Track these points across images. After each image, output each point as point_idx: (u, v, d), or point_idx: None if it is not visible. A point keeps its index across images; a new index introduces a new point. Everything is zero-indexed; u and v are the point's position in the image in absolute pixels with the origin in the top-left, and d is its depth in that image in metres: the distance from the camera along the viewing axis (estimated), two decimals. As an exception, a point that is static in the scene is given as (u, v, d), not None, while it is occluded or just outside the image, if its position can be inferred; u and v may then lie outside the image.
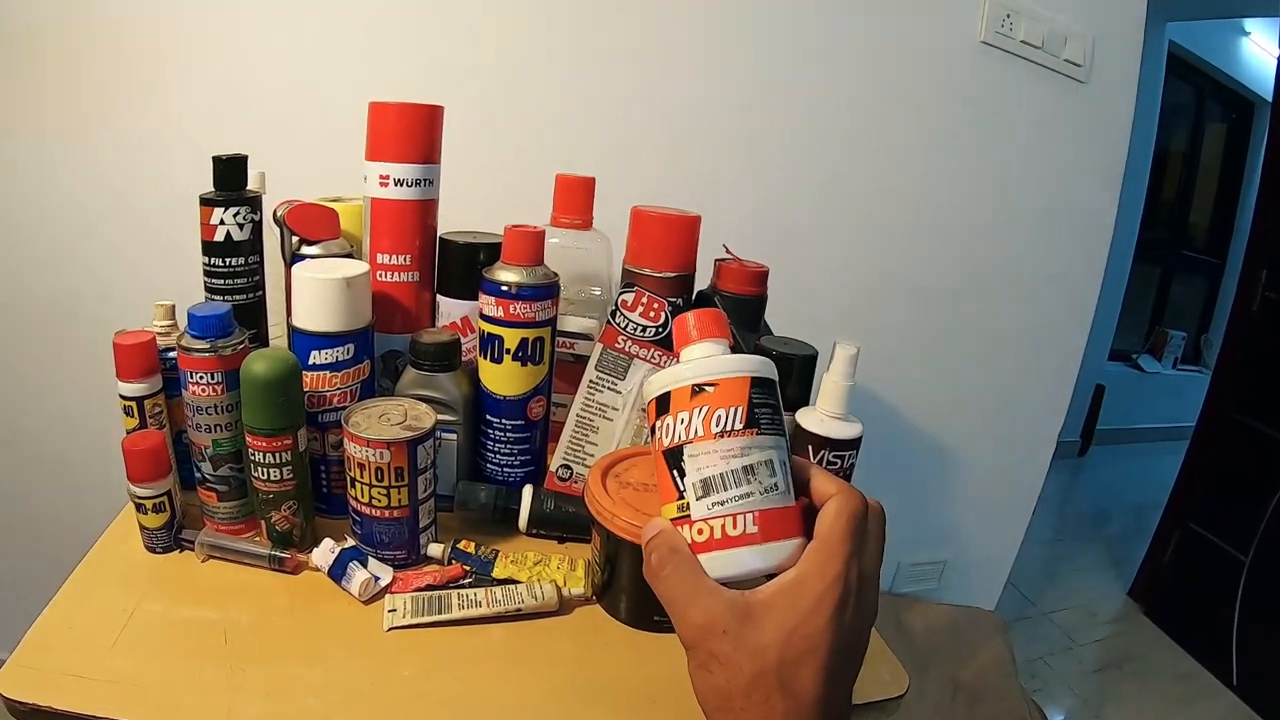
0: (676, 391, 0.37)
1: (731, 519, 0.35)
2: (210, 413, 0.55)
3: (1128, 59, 1.22)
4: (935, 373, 1.33)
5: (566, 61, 1.00)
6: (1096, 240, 1.33)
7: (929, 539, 1.49)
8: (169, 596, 0.53)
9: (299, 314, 0.58)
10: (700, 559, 0.35)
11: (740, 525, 0.35)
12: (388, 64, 0.95)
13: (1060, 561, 2.33)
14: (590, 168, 0.77)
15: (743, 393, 0.36)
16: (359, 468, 0.54)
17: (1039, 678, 1.78)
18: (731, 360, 0.37)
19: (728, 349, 0.39)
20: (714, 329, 0.39)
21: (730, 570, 0.35)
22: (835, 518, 0.35)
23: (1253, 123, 3.29)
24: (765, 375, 0.37)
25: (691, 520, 0.36)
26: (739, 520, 0.35)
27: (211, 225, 0.61)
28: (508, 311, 0.61)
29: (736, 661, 0.33)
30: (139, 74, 0.89)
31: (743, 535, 0.35)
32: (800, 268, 1.14)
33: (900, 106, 1.14)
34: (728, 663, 0.33)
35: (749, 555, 0.34)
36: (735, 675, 0.33)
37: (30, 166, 0.91)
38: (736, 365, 0.37)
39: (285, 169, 0.75)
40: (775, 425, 0.37)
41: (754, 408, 0.36)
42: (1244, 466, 1.83)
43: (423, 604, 0.54)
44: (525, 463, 0.67)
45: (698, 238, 0.71)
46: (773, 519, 0.35)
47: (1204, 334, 3.60)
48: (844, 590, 0.34)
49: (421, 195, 0.65)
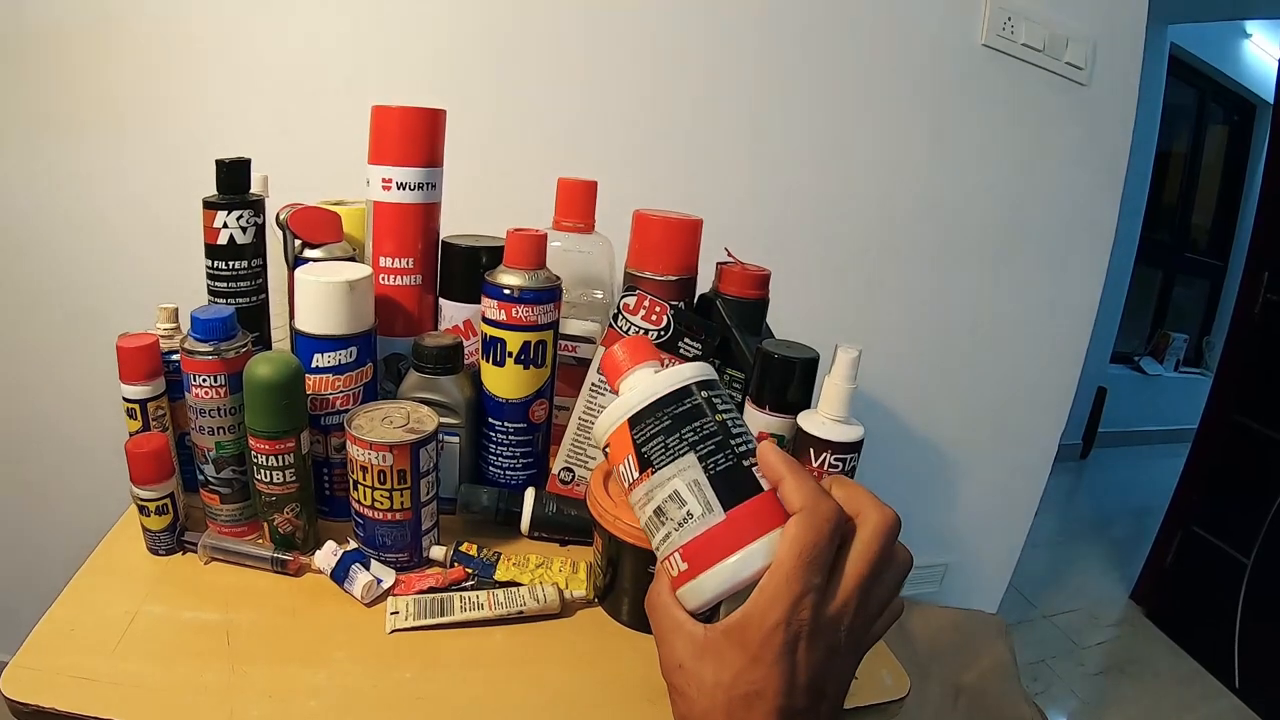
0: (607, 453, 0.39)
1: (669, 561, 0.36)
2: (213, 415, 0.55)
3: (1129, 61, 1.22)
4: (937, 375, 1.33)
5: (569, 65, 1.00)
6: (1098, 242, 1.33)
7: (930, 542, 1.49)
8: (172, 598, 0.53)
9: (302, 317, 0.59)
10: (678, 594, 0.36)
11: (675, 565, 0.35)
12: (391, 68, 0.95)
13: (1062, 564, 2.32)
14: (592, 171, 0.77)
15: (625, 441, 0.37)
16: (361, 470, 0.55)
17: (1041, 680, 1.78)
18: (612, 410, 0.38)
19: (656, 369, 0.39)
20: (638, 355, 0.39)
21: (693, 603, 0.35)
22: (787, 551, 0.32)
23: (1254, 125, 3.29)
24: (649, 401, 0.36)
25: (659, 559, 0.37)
26: (672, 561, 0.36)
27: (215, 228, 0.61)
28: (510, 315, 0.61)
29: (690, 696, 0.34)
30: (144, 78, 0.89)
31: (682, 574, 0.35)
32: (802, 271, 1.14)
33: (902, 110, 1.14)
34: (684, 695, 0.34)
35: (700, 585, 0.34)
36: (691, 708, 0.34)
37: (33, 169, 0.91)
38: (613, 414, 0.38)
39: (288, 172, 0.75)
40: (674, 448, 0.35)
41: (640, 448, 0.36)
42: (1246, 469, 1.83)
43: (425, 606, 0.54)
44: (527, 465, 0.67)
45: (699, 241, 0.72)
46: (699, 548, 0.34)
47: (1206, 336, 3.60)
48: (790, 634, 0.31)
49: (424, 199, 0.65)
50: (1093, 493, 2.98)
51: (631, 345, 0.40)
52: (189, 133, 0.91)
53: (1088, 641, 1.96)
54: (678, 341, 0.62)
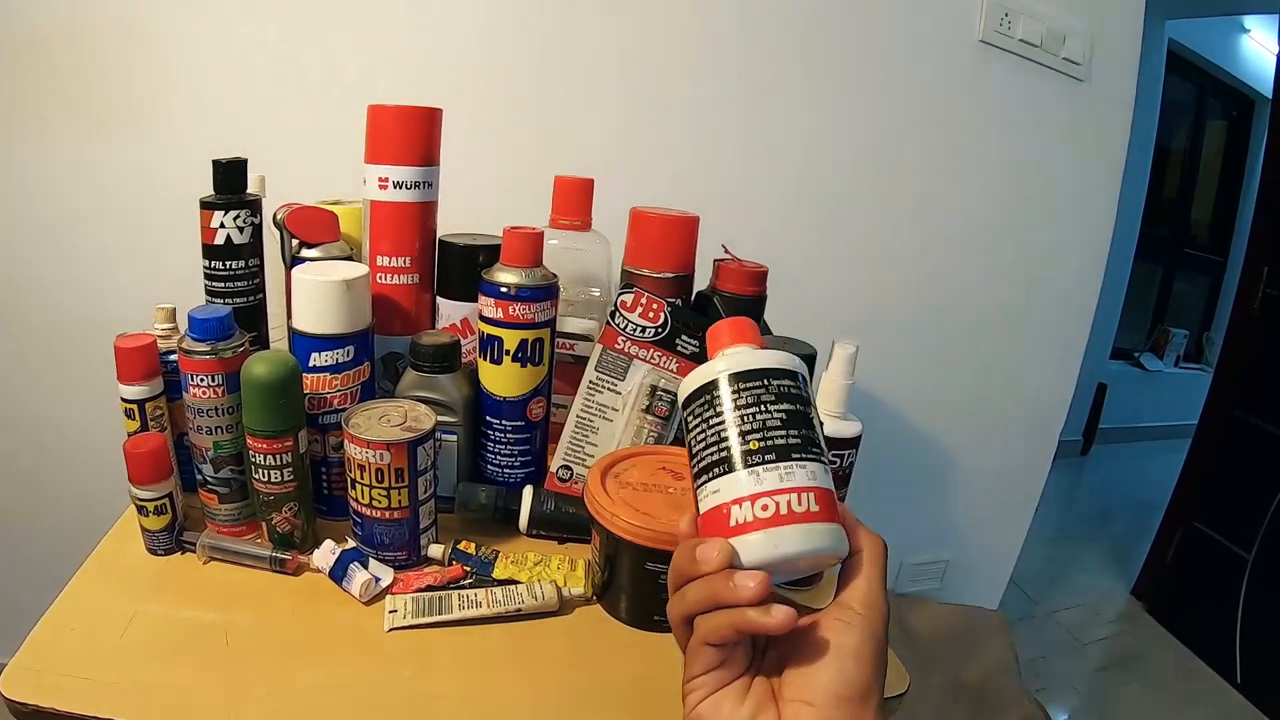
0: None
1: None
2: (211, 415, 0.55)
3: (1127, 57, 1.22)
4: (936, 372, 1.33)
5: (565, 63, 1.00)
6: (1097, 238, 1.33)
7: (931, 539, 1.49)
8: (170, 598, 0.53)
9: (299, 316, 0.59)
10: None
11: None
12: (387, 67, 0.95)
13: (1063, 561, 2.32)
14: (589, 169, 0.77)
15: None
16: (359, 469, 0.55)
17: (1042, 677, 1.78)
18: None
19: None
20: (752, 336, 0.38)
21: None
22: (880, 569, 0.34)
23: (1253, 120, 3.29)
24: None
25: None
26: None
27: (212, 229, 0.61)
28: (507, 313, 0.61)
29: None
30: (141, 78, 0.89)
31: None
32: (799, 267, 1.14)
33: (899, 106, 1.14)
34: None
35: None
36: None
37: (33, 169, 0.91)
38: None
39: (285, 172, 0.75)
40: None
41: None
42: (1246, 464, 1.83)
43: (423, 605, 0.54)
44: (525, 464, 0.67)
45: (696, 238, 0.72)
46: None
47: (1206, 332, 3.59)
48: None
49: (421, 197, 0.65)
50: (1093, 489, 2.98)
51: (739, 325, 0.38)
52: (186, 133, 0.91)
53: (1089, 638, 1.96)
54: (675, 339, 0.63)
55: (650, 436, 0.65)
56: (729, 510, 0.33)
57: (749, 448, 0.33)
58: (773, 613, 0.31)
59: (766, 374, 0.35)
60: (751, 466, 0.33)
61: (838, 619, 0.33)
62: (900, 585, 1.50)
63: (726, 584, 0.31)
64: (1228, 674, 1.80)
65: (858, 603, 0.33)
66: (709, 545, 0.32)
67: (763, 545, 0.32)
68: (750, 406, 0.34)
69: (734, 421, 0.34)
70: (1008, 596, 1.62)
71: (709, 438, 0.34)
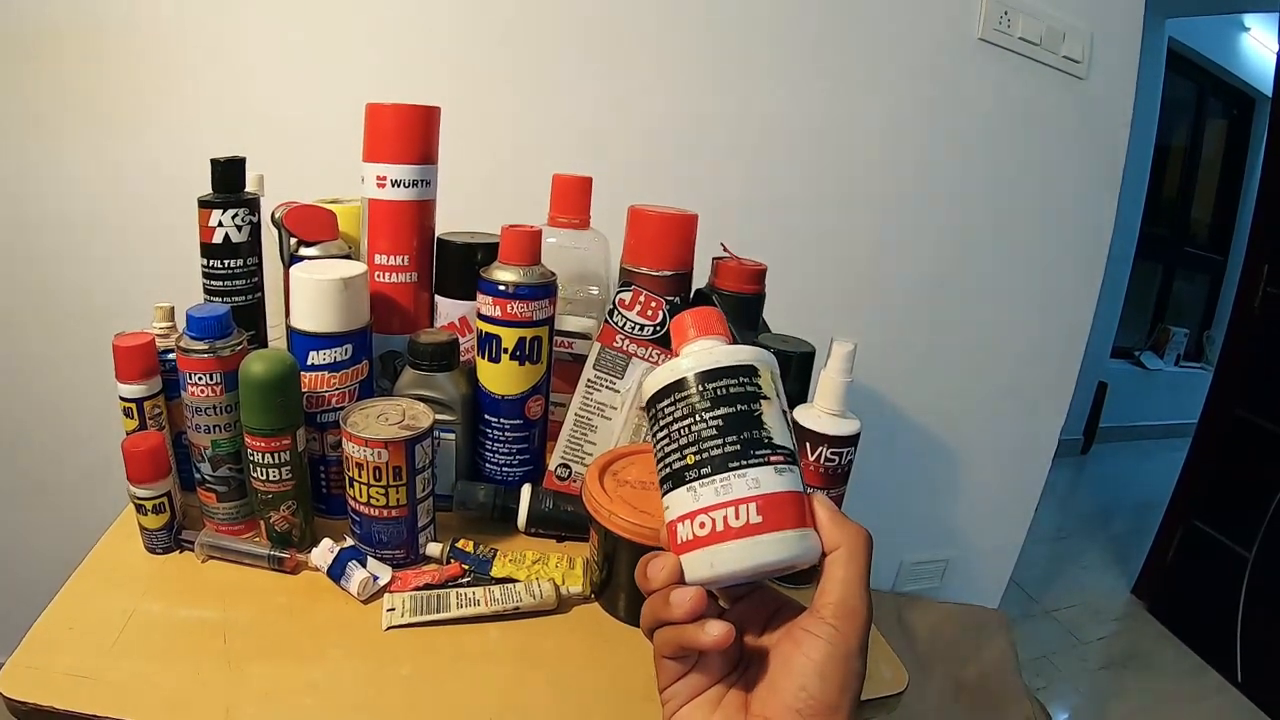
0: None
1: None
2: (209, 414, 0.55)
3: (1126, 55, 1.22)
4: (935, 370, 1.33)
5: (564, 62, 1.00)
6: (1097, 237, 1.33)
7: (931, 537, 1.49)
8: (169, 597, 0.53)
9: (297, 315, 0.59)
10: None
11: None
12: (385, 65, 0.95)
13: (1063, 559, 2.32)
14: (587, 167, 0.77)
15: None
16: (357, 467, 0.55)
17: (1043, 676, 1.78)
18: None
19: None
20: (715, 326, 0.36)
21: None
22: (860, 571, 0.32)
23: (1253, 118, 3.29)
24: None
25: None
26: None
27: (210, 227, 0.61)
28: (505, 311, 0.61)
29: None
30: (141, 77, 0.89)
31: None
32: (798, 265, 1.14)
33: (898, 104, 1.14)
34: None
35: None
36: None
37: (31, 167, 0.91)
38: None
39: (283, 171, 0.75)
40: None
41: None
42: (1247, 463, 1.83)
43: (421, 603, 0.54)
44: (524, 462, 0.67)
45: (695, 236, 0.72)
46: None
47: (1206, 330, 3.59)
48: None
49: (419, 196, 0.65)
50: (1094, 488, 2.97)
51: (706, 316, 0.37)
52: (184, 132, 0.91)
53: (1089, 636, 1.96)
54: (673, 337, 0.62)
55: (648, 435, 0.65)
56: (674, 528, 0.33)
57: (686, 462, 0.32)
58: (707, 629, 0.31)
59: (700, 379, 0.33)
60: (690, 482, 0.32)
61: (805, 629, 0.31)
62: (900, 584, 1.50)
63: (665, 602, 0.32)
64: (1228, 672, 1.80)
65: (829, 610, 0.31)
66: (655, 563, 0.33)
67: (700, 565, 0.32)
68: (684, 418, 0.33)
69: (673, 435, 0.33)
70: (1008, 595, 1.62)
71: (659, 452, 0.34)
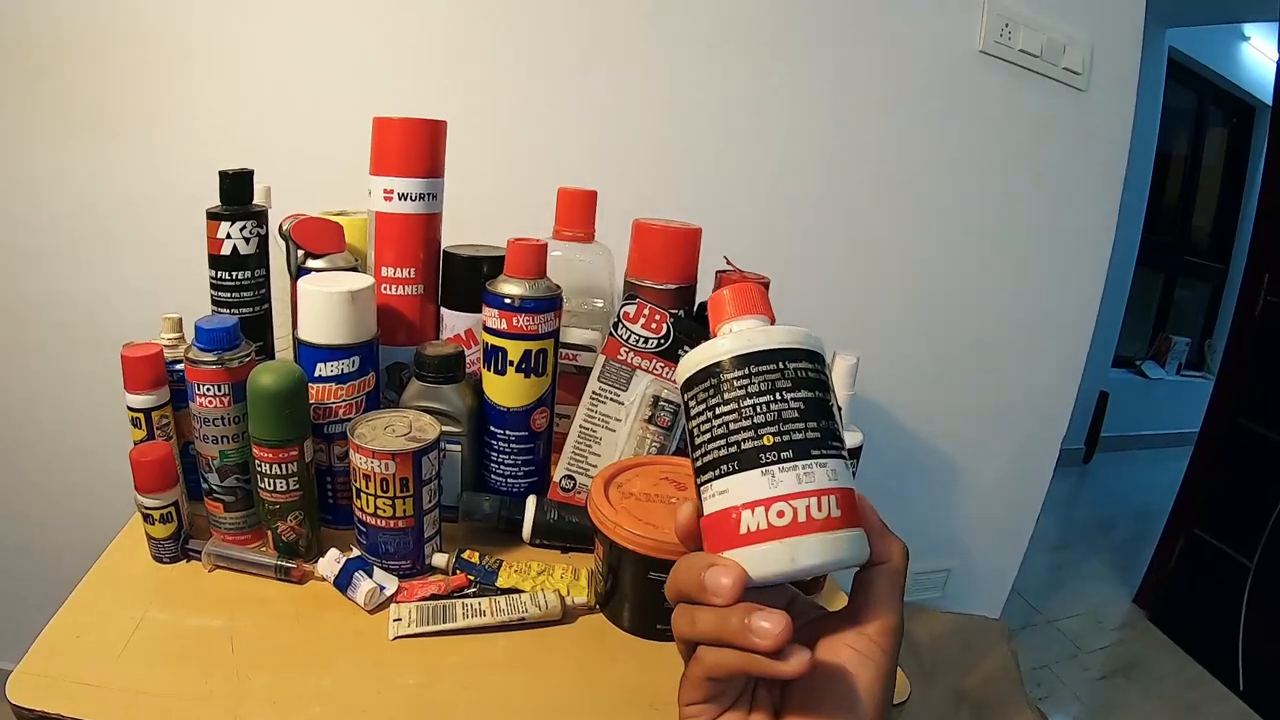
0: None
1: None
2: (217, 424, 0.56)
3: (1127, 66, 1.23)
4: (937, 381, 1.33)
5: (569, 75, 1.01)
6: (1098, 246, 1.33)
7: (933, 547, 1.49)
8: (176, 606, 0.54)
9: (304, 327, 0.59)
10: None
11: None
12: (392, 79, 0.96)
13: (1065, 569, 2.32)
14: (592, 181, 0.77)
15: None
16: (364, 478, 0.55)
17: (1045, 685, 1.78)
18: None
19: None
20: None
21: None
22: (897, 581, 0.32)
23: (1253, 127, 3.30)
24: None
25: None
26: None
27: (218, 239, 0.62)
28: (511, 324, 0.62)
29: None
30: (150, 89, 0.90)
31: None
32: (801, 278, 1.15)
33: (900, 117, 1.14)
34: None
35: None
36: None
37: (40, 178, 0.92)
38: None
39: (291, 183, 0.76)
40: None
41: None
42: (1248, 472, 1.83)
43: (427, 613, 0.54)
44: (529, 473, 0.67)
45: (699, 249, 0.72)
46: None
47: (1207, 339, 3.59)
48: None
49: (425, 209, 0.66)
50: (1095, 497, 2.97)
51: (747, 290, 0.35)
52: (193, 144, 0.92)
53: (1091, 646, 1.96)
54: (677, 350, 0.63)
55: (653, 447, 0.65)
56: (739, 515, 0.29)
57: (763, 444, 0.29)
58: (791, 660, 0.27)
59: (782, 355, 0.30)
60: (765, 465, 0.29)
61: (853, 648, 0.29)
62: (902, 593, 1.50)
63: (742, 625, 0.27)
64: (1230, 682, 1.79)
65: (876, 630, 0.29)
66: (720, 572, 0.28)
67: (779, 558, 0.28)
68: (763, 394, 0.29)
69: (745, 412, 0.29)
70: (1010, 605, 1.62)
71: (714, 429, 0.30)
